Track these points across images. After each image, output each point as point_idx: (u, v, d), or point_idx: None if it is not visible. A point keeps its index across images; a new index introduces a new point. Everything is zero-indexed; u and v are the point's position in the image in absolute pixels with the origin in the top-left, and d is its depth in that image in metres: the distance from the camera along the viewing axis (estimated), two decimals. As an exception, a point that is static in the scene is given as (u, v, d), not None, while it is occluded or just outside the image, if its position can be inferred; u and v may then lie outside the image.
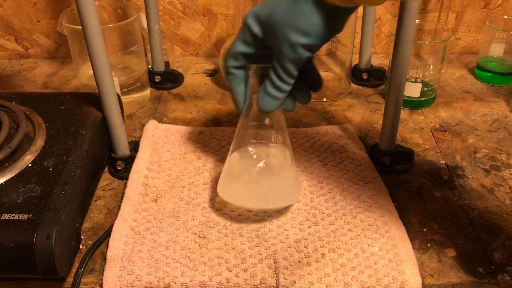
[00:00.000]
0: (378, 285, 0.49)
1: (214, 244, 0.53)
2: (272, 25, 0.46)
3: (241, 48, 0.50)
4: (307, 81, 0.53)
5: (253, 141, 0.54)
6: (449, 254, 0.53)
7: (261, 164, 0.54)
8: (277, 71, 0.48)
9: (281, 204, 0.55)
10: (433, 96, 0.77)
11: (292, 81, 0.49)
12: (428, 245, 0.54)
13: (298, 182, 0.58)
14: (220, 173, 0.57)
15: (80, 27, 0.54)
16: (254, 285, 0.49)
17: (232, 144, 0.55)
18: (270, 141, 0.54)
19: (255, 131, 0.54)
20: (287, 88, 0.49)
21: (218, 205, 0.58)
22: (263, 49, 0.50)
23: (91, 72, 0.58)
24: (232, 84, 0.54)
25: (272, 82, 0.49)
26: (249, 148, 0.54)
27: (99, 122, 0.62)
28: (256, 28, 0.48)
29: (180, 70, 0.88)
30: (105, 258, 0.52)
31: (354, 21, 0.79)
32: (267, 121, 0.54)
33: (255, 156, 0.54)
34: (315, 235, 0.54)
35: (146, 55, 0.85)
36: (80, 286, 0.50)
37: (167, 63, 0.85)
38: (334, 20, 0.45)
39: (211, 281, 0.49)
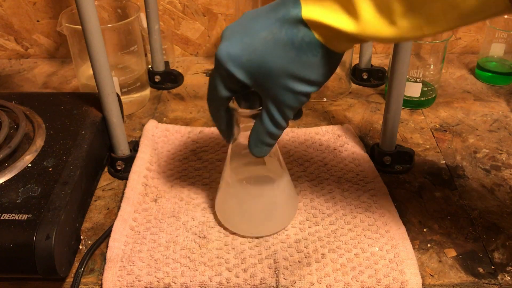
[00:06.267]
0: (378, 285, 0.49)
1: (214, 244, 0.53)
2: (267, 74, 0.41)
3: (225, 93, 0.44)
4: None
5: (244, 151, 0.52)
6: (449, 254, 0.53)
7: (256, 189, 0.53)
8: (274, 118, 0.44)
9: (275, 229, 0.55)
10: (433, 96, 0.77)
11: (287, 125, 0.45)
12: (428, 245, 0.54)
13: (295, 195, 0.56)
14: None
15: (80, 27, 0.54)
16: (254, 285, 0.49)
17: (227, 163, 0.54)
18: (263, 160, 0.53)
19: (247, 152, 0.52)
20: (281, 132, 0.45)
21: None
22: (247, 89, 0.45)
23: (91, 72, 0.58)
24: (221, 124, 0.49)
25: (268, 130, 0.45)
26: (243, 167, 0.53)
27: (99, 122, 0.62)
28: (241, 75, 0.42)
29: (180, 70, 0.88)
30: (104, 258, 0.52)
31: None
32: None
33: (249, 178, 0.53)
34: (315, 235, 0.54)
35: (146, 55, 0.85)
36: (79, 286, 0.50)
37: (167, 63, 0.85)
38: (337, 64, 0.42)
39: (211, 281, 0.49)
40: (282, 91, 0.41)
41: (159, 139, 0.69)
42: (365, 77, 0.85)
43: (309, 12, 0.38)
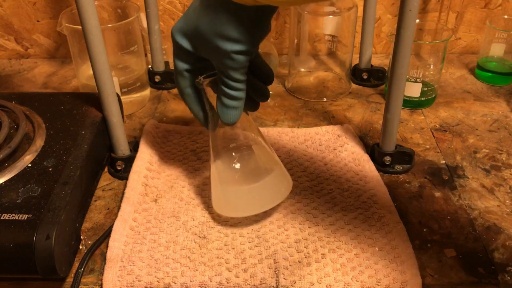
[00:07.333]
0: (378, 285, 0.49)
1: (214, 244, 0.53)
2: (201, 38, 0.45)
3: (181, 65, 0.49)
4: (258, 76, 0.51)
5: (232, 145, 0.53)
6: (449, 254, 0.53)
7: (245, 169, 0.53)
8: (225, 82, 0.47)
9: (276, 202, 0.55)
10: (433, 96, 0.77)
11: (243, 86, 0.48)
12: (428, 245, 0.54)
13: (286, 173, 0.57)
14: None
15: (80, 27, 0.54)
16: (254, 285, 0.49)
17: (211, 154, 0.55)
18: (247, 142, 0.54)
19: (229, 136, 0.54)
20: (242, 94, 0.48)
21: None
22: (203, 60, 0.49)
23: (91, 72, 0.58)
24: (189, 103, 0.53)
25: (225, 93, 0.48)
26: (229, 153, 0.54)
27: (99, 122, 0.62)
28: (186, 44, 0.47)
29: (180, 70, 0.88)
30: (105, 258, 0.52)
31: (354, 21, 0.78)
32: (237, 124, 0.53)
33: (237, 161, 0.54)
34: (315, 235, 0.54)
35: (146, 55, 0.85)
36: (80, 286, 0.50)
37: (167, 63, 0.85)
38: (260, 22, 0.44)
39: (211, 281, 0.49)
40: (216, 53, 0.45)
41: (159, 139, 0.69)
42: (365, 77, 0.85)
43: None
